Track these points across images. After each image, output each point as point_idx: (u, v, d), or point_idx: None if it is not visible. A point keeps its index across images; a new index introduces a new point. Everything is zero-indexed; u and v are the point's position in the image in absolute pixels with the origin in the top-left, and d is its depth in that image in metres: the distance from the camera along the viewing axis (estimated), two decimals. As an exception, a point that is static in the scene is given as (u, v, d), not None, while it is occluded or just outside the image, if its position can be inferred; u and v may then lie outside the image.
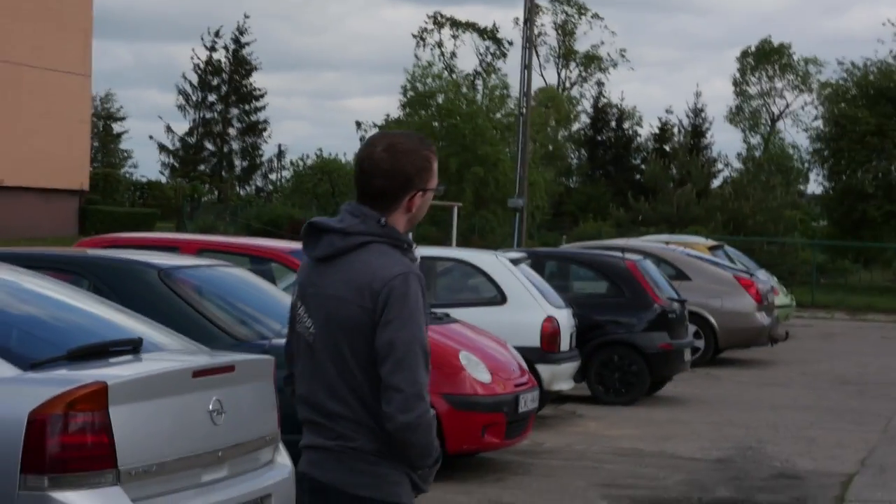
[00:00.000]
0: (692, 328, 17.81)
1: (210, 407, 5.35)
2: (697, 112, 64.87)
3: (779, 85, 77.28)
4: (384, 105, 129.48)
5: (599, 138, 64.92)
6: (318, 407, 3.93)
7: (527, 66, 32.92)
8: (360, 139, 70.73)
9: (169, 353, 5.78)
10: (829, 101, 46.36)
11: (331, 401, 3.90)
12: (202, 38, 69.44)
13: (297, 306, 4.03)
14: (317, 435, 3.95)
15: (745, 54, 77.50)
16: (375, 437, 3.87)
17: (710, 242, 24.85)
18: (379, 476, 3.90)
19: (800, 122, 72.97)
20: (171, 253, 9.75)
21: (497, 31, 69.92)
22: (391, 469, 3.90)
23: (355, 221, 3.93)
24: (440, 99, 51.12)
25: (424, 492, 4.05)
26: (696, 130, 64.07)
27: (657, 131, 64.10)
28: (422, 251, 15.45)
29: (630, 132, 65.77)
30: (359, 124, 62.30)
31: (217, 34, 67.94)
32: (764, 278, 22.45)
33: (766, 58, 76.47)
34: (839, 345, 24.65)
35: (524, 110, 32.87)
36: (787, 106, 77.50)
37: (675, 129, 63.22)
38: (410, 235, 4.16)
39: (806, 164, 57.42)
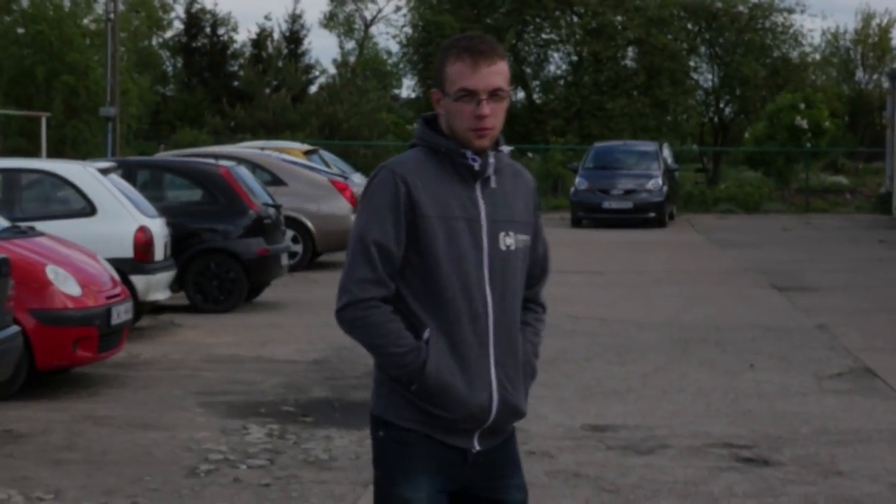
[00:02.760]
0: (289, 233, 17.99)
1: None
2: (295, 18, 64.93)
3: (370, -10, 78.33)
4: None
5: (194, 45, 63.72)
6: None
7: (113, -30, 31.91)
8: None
9: None
10: (415, 8, 47.28)
11: None
12: None
13: None
14: None
15: (336, -41, 77.98)
16: None
17: (306, 147, 25.04)
18: (374, 389, 3.81)
19: (392, 26, 74.36)
20: None
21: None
22: (381, 383, 3.75)
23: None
24: (24, 3, 48.76)
25: (441, 416, 3.65)
26: (294, 37, 64.11)
27: (254, 38, 63.68)
28: (4, 163, 14.83)
29: (226, 38, 64.97)
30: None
31: None
32: (359, 181, 22.85)
33: (355, -38, 77.21)
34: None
35: (111, 15, 31.90)
36: (380, 11, 78.80)
37: (272, 36, 62.98)
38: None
39: (398, 69, 58.55)
